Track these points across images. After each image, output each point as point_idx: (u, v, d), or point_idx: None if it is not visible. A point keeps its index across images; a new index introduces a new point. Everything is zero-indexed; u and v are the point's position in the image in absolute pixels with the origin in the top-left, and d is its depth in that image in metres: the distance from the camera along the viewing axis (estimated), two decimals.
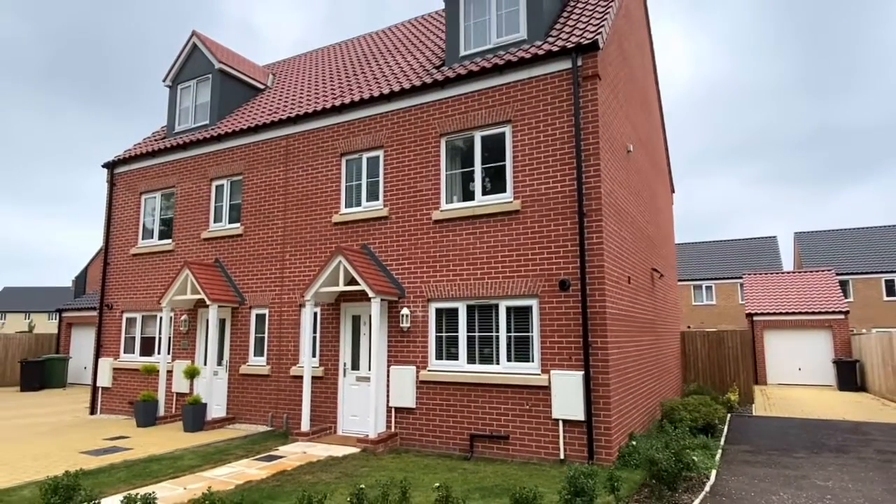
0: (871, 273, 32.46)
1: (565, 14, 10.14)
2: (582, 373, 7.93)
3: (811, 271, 26.76)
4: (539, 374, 8.28)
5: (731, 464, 7.90)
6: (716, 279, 36.14)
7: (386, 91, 10.28)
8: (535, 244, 8.59)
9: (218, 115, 13.53)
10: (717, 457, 8.28)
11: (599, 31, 8.62)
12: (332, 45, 16.74)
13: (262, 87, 14.88)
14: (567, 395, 7.97)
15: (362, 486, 4.72)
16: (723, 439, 9.75)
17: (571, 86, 8.57)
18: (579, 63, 8.55)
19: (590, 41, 8.40)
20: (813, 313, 23.46)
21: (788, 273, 27.30)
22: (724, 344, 15.82)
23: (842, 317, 22.97)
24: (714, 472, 7.28)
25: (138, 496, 4.38)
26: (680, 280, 37.61)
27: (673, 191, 16.90)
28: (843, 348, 22.59)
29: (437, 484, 4.91)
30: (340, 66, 13.83)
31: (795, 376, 23.45)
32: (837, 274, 33.20)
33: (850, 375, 20.51)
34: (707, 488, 6.53)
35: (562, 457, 7.89)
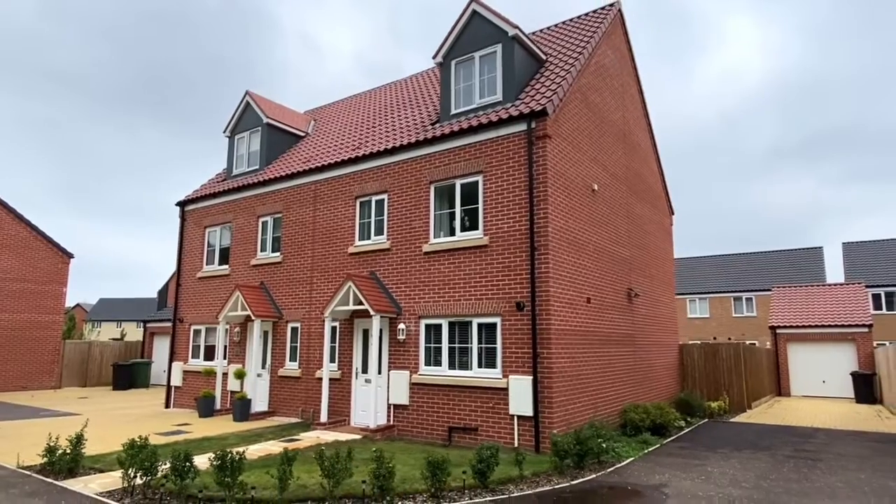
0: None
1: (536, 77, 12.13)
2: (531, 377, 9.85)
3: (840, 284, 26.77)
4: (501, 378, 10.25)
5: (653, 455, 9.54)
6: (756, 291, 36.08)
7: (390, 146, 12.61)
8: (499, 272, 10.60)
9: (266, 161, 16.39)
10: (648, 450, 9.93)
11: (551, 99, 10.57)
12: (360, 94, 19.40)
13: (302, 134, 17.66)
14: (520, 395, 9.91)
15: (323, 447, 6.95)
16: (670, 438, 11.28)
17: (527, 144, 10.55)
18: (533, 125, 10.53)
19: (540, 108, 10.37)
20: (836, 326, 23.70)
21: (817, 286, 27.41)
22: (718, 355, 16.96)
23: (865, 330, 23.12)
24: (629, 460, 9.00)
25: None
26: (719, 292, 37.79)
27: (672, 213, 18.22)
28: (866, 362, 22.75)
29: (374, 448, 7.06)
30: (362, 118, 16.36)
31: (819, 389, 23.74)
32: (883, 286, 32.57)
33: (867, 388, 20.82)
34: (610, 469, 8.30)
35: (516, 444, 9.81)
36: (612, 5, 14.61)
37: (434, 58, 12.68)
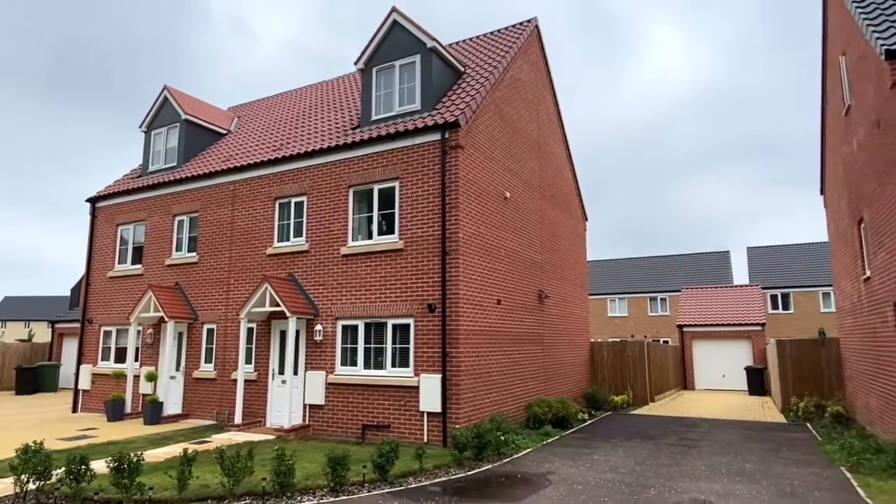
0: (810, 287, 34.81)
1: (454, 88, 12.65)
2: (441, 376, 10.34)
3: (740, 286, 29.17)
4: (413, 377, 10.68)
5: (551, 446, 10.28)
6: (669, 291, 38.52)
7: (310, 149, 12.75)
8: (413, 275, 11.03)
9: (184, 158, 16.04)
10: (547, 441, 10.67)
11: (464, 111, 11.11)
12: (286, 93, 19.30)
13: (224, 131, 17.39)
14: (430, 393, 10.38)
15: (224, 448, 7.12)
16: (571, 430, 12.13)
17: (441, 153, 11.03)
18: (446, 136, 11.03)
19: (454, 120, 10.88)
20: (735, 325, 25.86)
21: (721, 287, 29.72)
22: (625, 353, 18.19)
23: (759, 328, 25.36)
24: (527, 451, 9.67)
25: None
26: (637, 293, 40.05)
27: (586, 218, 19.32)
28: (759, 357, 24.98)
29: (277, 447, 7.31)
30: (286, 118, 16.35)
31: (719, 382, 25.82)
32: (780, 287, 35.66)
33: (758, 381, 22.87)
34: (506, 460, 8.92)
35: (425, 440, 10.27)
36: (529, 21, 15.38)
37: (356, 64, 12.94)
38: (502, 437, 9.16)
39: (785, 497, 6.87)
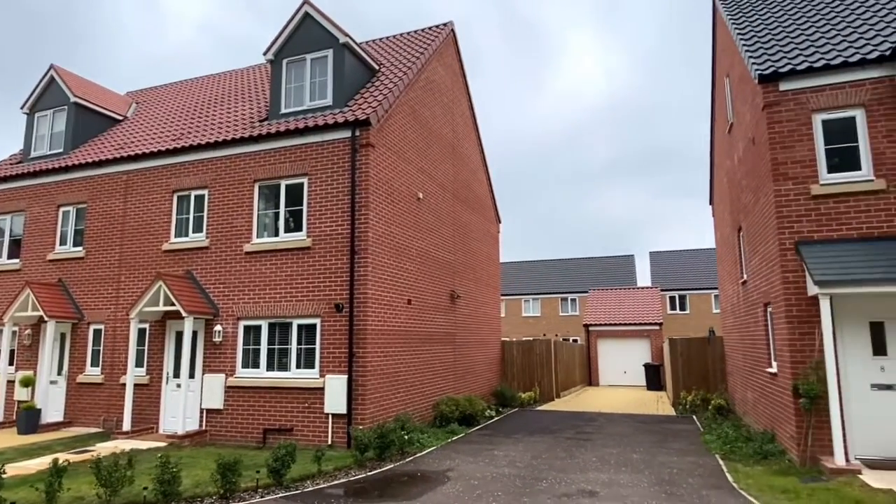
0: (704, 289, 37.71)
1: (367, 86, 12.52)
2: (346, 376, 10.19)
3: (641, 288, 31.10)
4: (318, 378, 10.45)
5: (455, 443, 10.44)
6: (579, 292, 40.33)
7: (213, 140, 12.14)
8: (320, 274, 10.80)
9: (72, 145, 14.75)
10: (453, 439, 10.83)
11: (375, 109, 11.02)
12: (192, 80, 18.27)
13: (119, 117, 16.17)
14: (335, 394, 10.19)
15: (102, 457, 6.62)
16: (477, 427, 12.39)
17: (352, 151, 10.88)
18: (357, 133, 10.90)
19: (365, 118, 10.77)
20: (636, 324, 27.51)
21: (624, 289, 31.54)
22: (533, 351, 18.83)
23: (657, 328, 27.16)
24: (431, 449, 9.76)
25: None
26: (549, 293, 41.58)
27: (499, 220, 19.81)
28: (657, 354, 26.74)
29: (160, 454, 6.90)
30: (190, 106, 15.48)
31: (621, 378, 27.38)
32: (677, 289, 38.32)
33: (655, 377, 24.48)
34: (409, 459, 8.95)
35: (329, 442, 10.08)
36: (445, 25, 15.55)
37: (265, 54, 12.49)
38: (406, 437, 9.18)
39: (663, 484, 7.38)
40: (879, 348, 8.27)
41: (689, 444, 10.43)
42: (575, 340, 35.07)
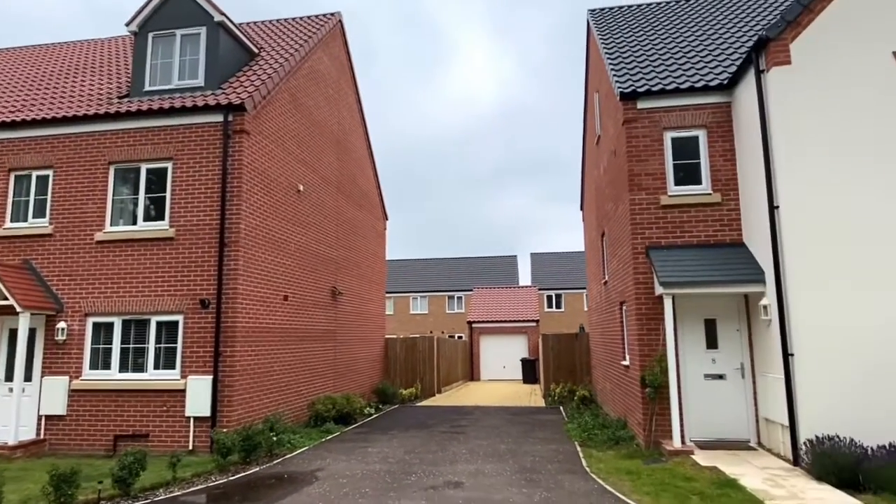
0: (577, 288, 40.46)
1: (244, 70, 11.85)
2: (212, 377, 9.58)
3: (521, 287, 32.68)
4: (179, 380, 9.72)
5: (329, 442, 10.26)
6: (464, 291, 41.47)
7: (61, 115, 10.84)
8: (184, 268, 10.05)
9: None
10: (328, 438, 10.63)
11: (252, 94, 10.47)
12: (42, 46, 16.19)
13: None
14: (198, 396, 9.54)
15: None
16: (354, 425, 12.29)
17: (224, 136, 10.24)
18: (231, 118, 10.28)
19: (239, 102, 10.19)
20: (515, 321, 28.84)
21: (506, 288, 32.96)
22: (416, 348, 19.03)
23: (534, 324, 28.67)
24: (303, 449, 9.50)
25: None
26: (436, 291, 42.29)
27: (386, 217, 19.77)
28: (533, 349, 28.22)
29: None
30: (36, 75, 13.70)
31: (501, 373, 28.55)
32: (554, 289, 40.68)
33: (531, 371, 25.82)
34: (277, 461, 8.64)
35: (191, 448, 9.41)
36: (332, 14, 15.18)
37: (127, 25, 11.38)
38: (275, 438, 8.83)
39: (524, 472, 7.79)
40: (712, 342, 9.38)
41: (553, 434, 11.11)
42: (460, 337, 36.01)
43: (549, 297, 40.86)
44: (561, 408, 15.49)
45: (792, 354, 7.66)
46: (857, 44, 7.89)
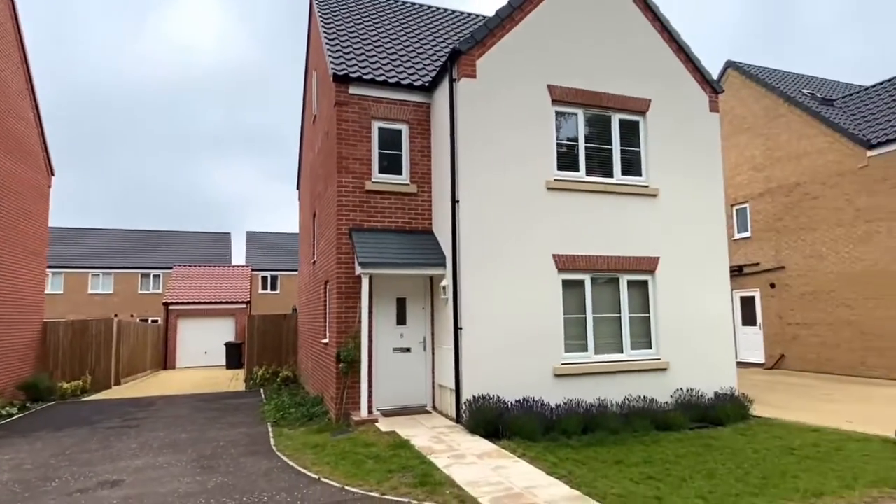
0: (293, 270, 39.94)
1: None
2: None
3: (233, 266, 30.75)
4: None
5: None
6: (164, 268, 36.88)
7: None
8: None
9: None
10: None
11: None
12: None
13: None
14: None
15: None
16: None
17: None
18: None
19: None
20: (222, 303, 26.92)
21: (214, 266, 30.54)
22: (88, 332, 16.04)
23: (244, 306, 27.26)
24: None
25: None
26: (126, 268, 36.65)
27: (52, 173, 16.06)
28: (241, 333, 26.79)
29: None
30: None
31: (202, 359, 26.31)
32: (270, 270, 39.40)
33: (236, 355, 24.43)
34: None
35: None
36: None
37: None
38: None
39: (202, 459, 7.25)
40: (402, 319, 10.26)
41: (247, 417, 10.68)
42: (155, 321, 31.90)
43: (265, 278, 39.41)
44: (262, 390, 15.03)
45: (461, 328, 8.89)
46: (526, 72, 9.57)
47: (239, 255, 47.38)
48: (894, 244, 14.05)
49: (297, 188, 18.93)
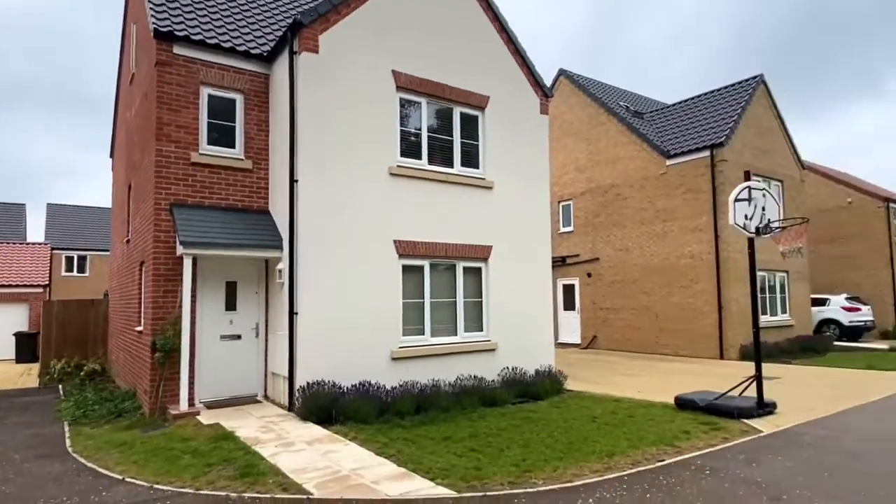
0: (106, 250, 35.26)
1: None
2: None
3: (27, 244, 26.23)
4: None
5: None
6: None
7: None
8: None
9: None
10: None
11: None
12: None
13: None
14: None
15: None
16: None
17: None
18: None
19: None
20: (11, 286, 22.83)
21: (3, 244, 25.76)
22: None
23: (41, 290, 23.40)
24: None
25: None
26: None
27: None
28: (37, 321, 22.97)
29: None
30: None
31: None
32: (77, 249, 34.35)
33: (30, 347, 20.90)
34: None
35: None
36: None
37: None
38: None
39: None
40: (231, 304, 9.56)
41: (39, 416, 9.20)
42: None
43: (70, 259, 34.29)
44: (60, 386, 13.06)
45: (297, 313, 8.55)
46: (371, 54, 9.42)
47: (37, 232, 40.59)
48: (683, 241, 16.60)
49: (111, 156, 16.66)
